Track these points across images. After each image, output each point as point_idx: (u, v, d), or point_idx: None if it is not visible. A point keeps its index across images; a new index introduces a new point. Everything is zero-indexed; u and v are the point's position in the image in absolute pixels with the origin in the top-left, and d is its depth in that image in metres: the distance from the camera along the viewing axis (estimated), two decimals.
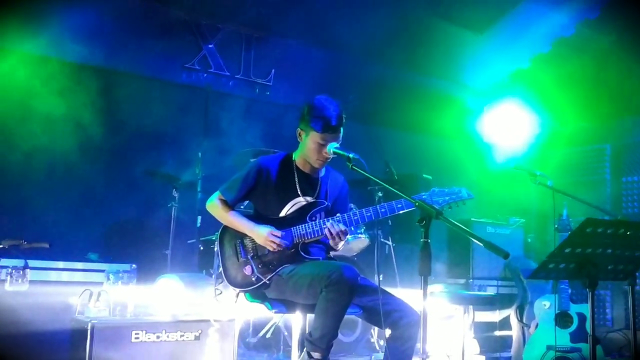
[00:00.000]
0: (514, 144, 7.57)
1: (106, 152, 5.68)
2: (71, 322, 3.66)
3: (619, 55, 6.90)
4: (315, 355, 3.28)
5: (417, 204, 2.77)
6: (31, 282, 4.17)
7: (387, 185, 3.10)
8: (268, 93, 6.78)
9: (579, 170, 7.36)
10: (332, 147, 3.43)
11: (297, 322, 3.55)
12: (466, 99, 8.04)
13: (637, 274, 3.48)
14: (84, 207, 5.47)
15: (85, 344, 3.39)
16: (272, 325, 4.85)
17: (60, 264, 4.34)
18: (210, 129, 5.93)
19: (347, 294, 3.21)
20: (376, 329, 5.51)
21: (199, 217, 5.27)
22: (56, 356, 3.74)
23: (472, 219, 6.59)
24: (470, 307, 5.75)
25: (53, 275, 4.30)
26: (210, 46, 6.48)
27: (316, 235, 3.51)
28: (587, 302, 5.27)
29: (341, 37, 6.96)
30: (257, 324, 5.03)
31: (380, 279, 6.00)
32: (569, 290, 4.70)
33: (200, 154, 5.34)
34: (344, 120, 3.54)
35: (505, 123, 7.72)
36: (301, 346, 3.55)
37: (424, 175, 7.13)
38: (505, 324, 6.29)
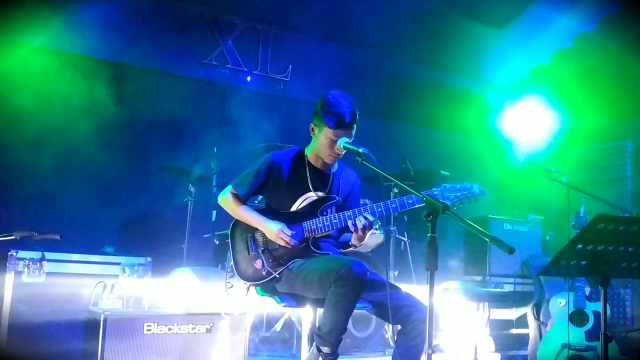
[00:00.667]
0: (534, 141, 7.50)
1: (124, 147, 5.73)
2: (85, 313, 3.70)
3: None
4: (325, 349, 3.29)
5: (424, 198, 2.76)
6: (48, 274, 4.23)
7: (396, 181, 3.11)
8: (283, 88, 6.79)
9: (600, 167, 7.25)
10: (342, 142, 3.43)
11: (308, 316, 3.57)
12: (486, 95, 7.99)
13: None
14: (102, 200, 5.53)
15: (98, 335, 3.43)
16: (284, 320, 4.86)
17: (77, 257, 4.40)
18: (227, 124, 5.96)
19: (356, 288, 3.21)
20: (390, 325, 5.50)
21: (214, 212, 5.30)
22: (70, 346, 3.81)
23: (490, 215, 6.54)
24: (486, 304, 5.73)
25: (70, 268, 4.35)
26: (227, 42, 6.52)
27: (326, 230, 3.51)
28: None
29: (359, 32, 6.95)
30: (270, 318, 5.05)
31: (396, 274, 6.04)
32: (585, 288, 4.66)
33: (215, 148, 5.35)
34: (357, 117, 3.53)
35: (525, 120, 7.65)
36: (311, 340, 3.55)
37: (442, 172, 7.09)
38: (522, 321, 6.24)
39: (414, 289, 5.66)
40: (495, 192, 7.99)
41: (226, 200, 3.65)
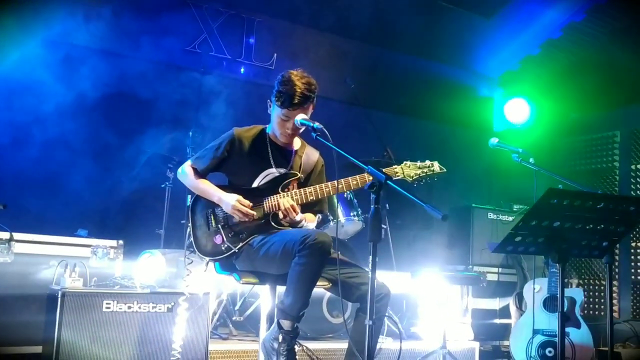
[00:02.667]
0: (522, 130, 7.48)
1: (103, 132, 5.72)
2: (47, 290, 3.71)
3: (629, 41, 6.73)
4: (285, 324, 3.26)
5: (367, 171, 2.74)
6: (17, 254, 4.23)
7: (350, 157, 3.02)
8: (267, 76, 6.76)
9: (588, 157, 7.22)
10: (299, 119, 3.41)
11: (266, 296, 3.54)
12: (475, 86, 7.93)
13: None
14: (80, 185, 5.52)
15: (56, 310, 3.43)
16: (246, 301, 4.84)
17: (46, 238, 4.40)
18: (209, 112, 5.95)
19: (320, 259, 3.17)
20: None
21: (189, 196, 5.27)
22: (34, 319, 3.83)
23: (474, 205, 6.51)
24: (465, 293, 5.70)
25: (39, 249, 4.36)
26: (211, 29, 6.50)
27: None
28: (578, 287, 5.16)
29: (345, 21, 6.93)
30: (245, 303, 5.02)
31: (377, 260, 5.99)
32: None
33: (191, 133, 5.34)
34: (310, 99, 3.48)
35: (513, 110, 7.63)
36: (269, 321, 3.53)
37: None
38: (506, 312, 6.20)
39: (394, 275, 5.66)
40: (485, 183, 7.96)
41: (185, 174, 3.65)
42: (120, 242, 4.70)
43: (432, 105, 7.47)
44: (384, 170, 3.29)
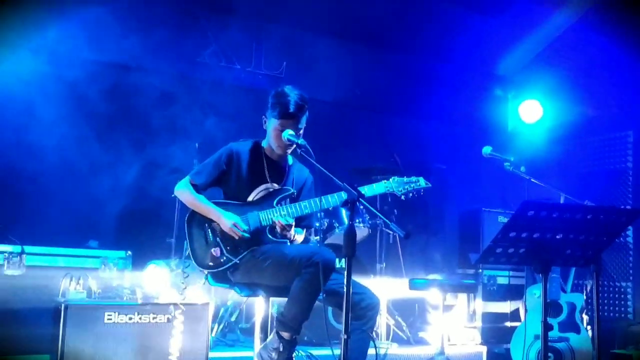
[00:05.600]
0: (533, 131, 7.45)
1: (117, 144, 5.87)
2: (52, 303, 3.87)
3: None
4: (285, 335, 3.38)
5: (342, 187, 2.82)
6: (28, 267, 4.42)
7: (329, 174, 3.11)
8: (277, 85, 6.83)
9: (600, 157, 7.14)
10: (286, 134, 3.51)
11: (260, 306, 3.65)
12: (487, 87, 7.91)
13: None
14: (94, 197, 5.68)
15: (60, 323, 3.58)
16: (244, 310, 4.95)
17: (56, 250, 4.58)
18: (218, 122, 6.06)
19: (325, 275, 3.28)
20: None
21: None
22: (42, 332, 3.97)
23: (483, 208, 6.51)
24: (472, 296, 5.72)
25: (50, 261, 4.54)
26: (221, 39, 6.59)
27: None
28: (579, 292, 5.15)
29: (355, 27, 6.97)
30: (249, 310, 5.14)
31: (383, 267, 6.06)
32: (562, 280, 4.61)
33: (197, 144, 5.47)
34: (303, 110, 3.61)
35: (527, 110, 7.60)
36: (264, 330, 3.64)
37: (438, 165, 7.09)
38: (517, 315, 6.21)
39: (403, 282, 5.71)
40: (498, 186, 7.92)
41: (183, 191, 3.76)
42: (129, 253, 4.86)
43: (442, 107, 7.47)
44: (374, 186, 3.61)
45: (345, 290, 2.72)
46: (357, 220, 5.60)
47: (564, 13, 7.00)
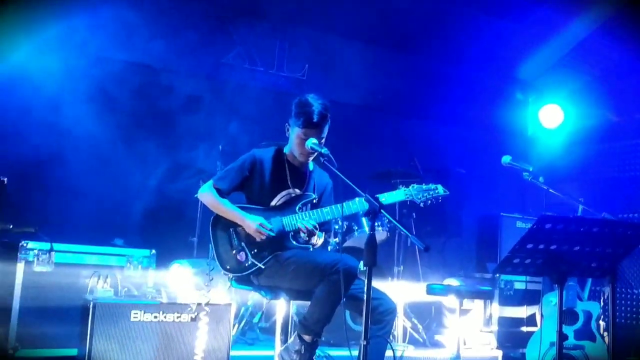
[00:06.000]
0: (553, 136, 7.47)
1: (143, 144, 5.99)
2: (80, 301, 4.00)
3: None
4: (307, 337, 3.49)
5: (364, 198, 2.91)
6: (57, 264, 4.56)
7: (351, 184, 3.18)
8: (300, 87, 6.93)
9: (622, 164, 7.13)
10: (309, 143, 3.60)
11: (281, 308, 3.76)
12: (507, 91, 7.94)
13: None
14: (120, 196, 5.83)
15: (88, 320, 3.71)
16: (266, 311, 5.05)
17: (84, 248, 4.71)
18: (241, 124, 6.16)
19: (348, 282, 3.40)
20: None
21: None
22: (70, 329, 4.12)
23: (502, 213, 6.55)
24: (489, 300, 5.78)
25: (78, 259, 4.68)
26: (245, 42, 6.69)
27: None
28: (596, 300, 5.19)
29: (377, 30, 7.01)
30: (268, 310, 5.25)
31: (401, 269, 6.14)
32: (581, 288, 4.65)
33: (220, 147, 5.58)
34: (327, 119, 3.69)
35: (547, 115, 7.62)
36: (284, 332, 3.75)
37: (457, 169, 7.13)
38: (533, 320, 6.25)
39: (420, 287, 5.78)
40: (512, 191, 7.94)
41: (207, 195, 3.87)
42: (153, 251, 4.98)
43: (463, 111, 7.51)
44: (394, 193, 3.67)
45: (365, 297, 2.81)
46: (376, 224, 5.67)
47: (583, 22, 7.00)
